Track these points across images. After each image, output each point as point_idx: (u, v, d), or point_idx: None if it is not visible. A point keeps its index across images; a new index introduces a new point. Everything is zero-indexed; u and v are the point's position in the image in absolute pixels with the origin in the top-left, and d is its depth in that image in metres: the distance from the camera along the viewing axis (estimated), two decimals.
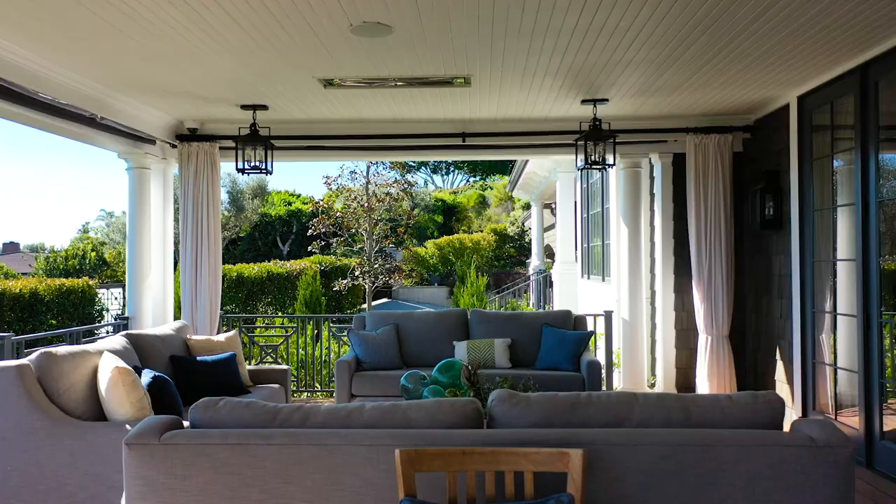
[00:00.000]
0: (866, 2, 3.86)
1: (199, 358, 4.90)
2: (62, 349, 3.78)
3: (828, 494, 2.04)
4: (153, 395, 3.82)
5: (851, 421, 5.16)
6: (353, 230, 18.05)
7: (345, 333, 7.69)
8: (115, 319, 7.12)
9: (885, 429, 4.74)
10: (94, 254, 26.46)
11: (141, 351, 4.51)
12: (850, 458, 2.09)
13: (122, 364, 3.66)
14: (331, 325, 8.16)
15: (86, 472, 3.52)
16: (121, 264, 27.52)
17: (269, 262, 20.35)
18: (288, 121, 6.79)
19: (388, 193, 18.07)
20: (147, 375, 3.90)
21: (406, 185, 19.31)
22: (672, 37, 4.45)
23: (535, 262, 17.33)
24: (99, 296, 14.43)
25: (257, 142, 6.26)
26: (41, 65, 4.92)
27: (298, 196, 33.83)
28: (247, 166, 6.28)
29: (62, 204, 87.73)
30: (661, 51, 4.74)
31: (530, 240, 21.74)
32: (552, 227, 17.92)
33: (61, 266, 25.44)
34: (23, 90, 4.74)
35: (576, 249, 12.74)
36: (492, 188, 36.30)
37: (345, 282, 17.78)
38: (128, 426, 3.53)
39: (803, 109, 5.85)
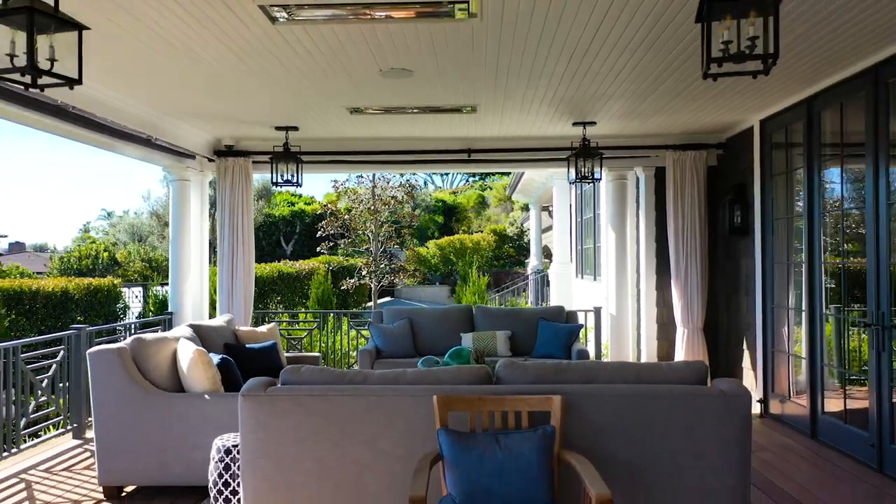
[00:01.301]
0: (808, 50, 4.71)
1: (247, 345, 5.79)
2: (149, 336, 4.67)
3: (733, 429, 2.93)
4: (221, 373, 4.71)
5: (803, 401, 6.05)
6: (360, 232, 18.97)
7: (364, 327, 8.59)
8: (160, 314, 8.00)
9: (846, 409, 5.55)
10: (106, 254, 27.35)
11: (202, 339, 5.39)
12: (748, 405, 2.97)
13: (200, 348, 4.56)
14: (349, 319, 9.05)
15: (172, 433, 4.40)
16: (131, 264, 28.42)
17: (278, 262, 21.25)
18: (315, 138, 7.68)
19: (393, 197, 18.99)
20: (216, 357, 4.79)
21: (409, 189, 20.19)
22: (647, 76, 5.33)
23: (533, 262, 18.22)
24: (122, 294, 15.32)
25: (289, 158, 7.14)
26: (118, 99, 5.82)
27: (301, 197, 34.71)
28: (280, 180, 7.16)
29: (62, 203, 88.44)
30: (639, 86, 5.63)
31: (529, 240, 22.64)
32: (550, 228, 18.81)
33: (75, 266, 26.33)
34: (104, 121, 5.66)
35: (571, 251, 13.63)
36: (491, 188, 37.13)
37: (352, 281, 18.69)
38: (206, 396, 4.43)
39: (765, 131, 6.75)
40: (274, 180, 7.18)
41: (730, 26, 2.94)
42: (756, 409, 6.82)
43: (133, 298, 16.21)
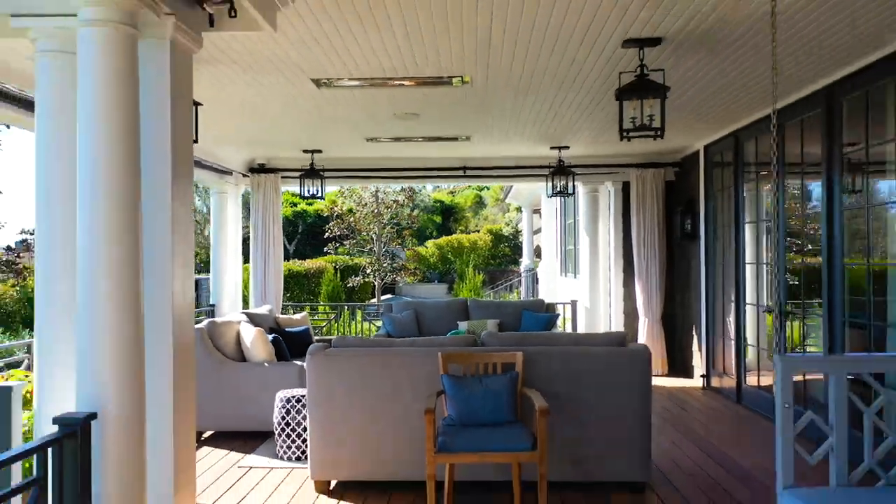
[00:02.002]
0: (735, 96, 6.15)
1: (286, 329, 7.23)
2: (219, 319, 6.12)
3: (637, 374, 4.38)
4: (274, 347, 6.16)
5: (735, 375, 7.51)
6: (365, 233, 20.46)
7: (376, 318, 10.04)
8: (205, 306, 9.44)
9: (759, 379, 7.02)
10: None
11: (253, 323, 6.83)
12: (648, 359, 4.43)
13: (260, 328, 6.01)
14: (363, 312, 10.52)
15: (240, 391, 5.85)
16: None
17: (287, 261, 22.69)
18: (335, 158, 9.13)
19: (395, 201, 20.48)
20: (270, 336, 6.24)
21: (410, 192, 21.67)
22: (603, 120, 6.77)
23: (525, 261, 19.68)
24: None
25: (314, 176, 8.59)
26: None
27: (304, 198, 36.02)
28: (307, 194, 8.61)
29: None
30: (599, 125, 7.07)
31: (523, 241, 24.08)
32: (541, 230, 20.22)
33: None
34: None
35: (556, 251, 15.08)
36: (488, 188, 38.48)
37: (357, 279, 20.17)
38: (266, 364, 5.88)
39: (707, 155, 8.21)
40: (302, 195, 8.63)
41: (636, 106, 4.40)
42: (700, 383, 8.29)
43: None
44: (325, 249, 21.40)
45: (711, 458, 5.31)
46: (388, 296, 25.93)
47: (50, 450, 2.46)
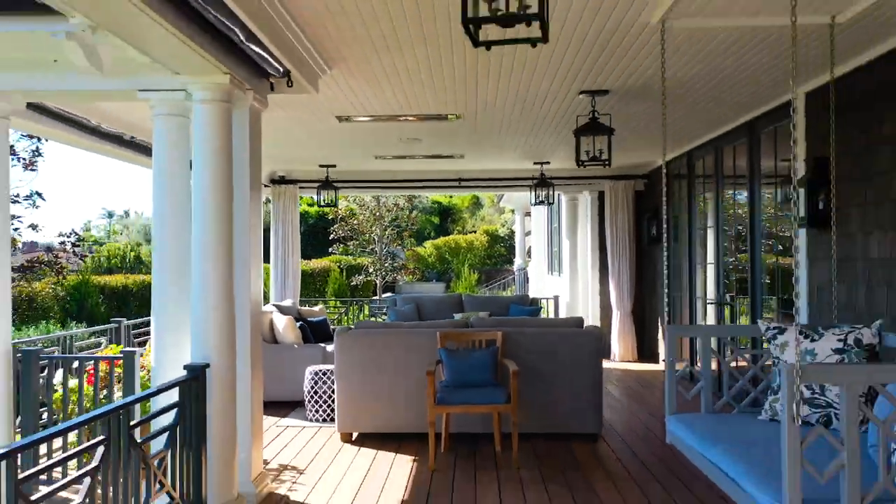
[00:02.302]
0: (680, 126, 7.46)
1: (308, 318, 8.52)
2: None
3: (590, 349, 5.68)
4: (301, 332, 7.46)
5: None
6: (367, 235, 21.75)
7: (382, 312, 11.35)
8: None
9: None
10: (132, 253, 30.00)
11: (282, 313, 8.12)
12: (600, 337, 5.74)
13: (289, 316, 7.31)
14: (369, 306, 11.81)
15: (274, 367, 7.13)
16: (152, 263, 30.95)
17: None
18: (347, 171, 10.43)
19: (395, 204, 21.76)
20: (297, 323, 7.54)
21: (410, 196, 22.95)
22: (572, 145, 8.04)
23: (518, 261, 20.99)
24: None
25: (329, 187, 9.89)
26: None
27: (303, 198, 37.34)
28: (322, 203, 9.91)
29: (58, 203, 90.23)
30: (570, 148, 8.30)
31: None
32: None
33: (104, 265, 28.95)
34: None
35: (544, 252, 16.38)
36: None
37: (360, 277, 21.46)
38: (295, 346, 7.17)
39: (669, 169, 9.52)
40: (318, 203, 9.93)
41: (589, 142, 5.69)
42: (663, 367, 9.59)
43: None
44: (330, 250, 22.67)
45: (660, 423, 6.61)
46: (388, 294, 27.25)
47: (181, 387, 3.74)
